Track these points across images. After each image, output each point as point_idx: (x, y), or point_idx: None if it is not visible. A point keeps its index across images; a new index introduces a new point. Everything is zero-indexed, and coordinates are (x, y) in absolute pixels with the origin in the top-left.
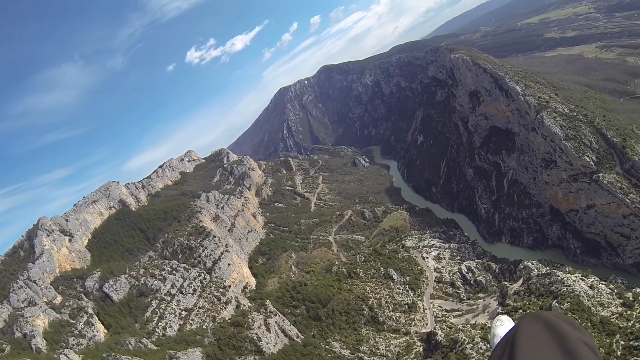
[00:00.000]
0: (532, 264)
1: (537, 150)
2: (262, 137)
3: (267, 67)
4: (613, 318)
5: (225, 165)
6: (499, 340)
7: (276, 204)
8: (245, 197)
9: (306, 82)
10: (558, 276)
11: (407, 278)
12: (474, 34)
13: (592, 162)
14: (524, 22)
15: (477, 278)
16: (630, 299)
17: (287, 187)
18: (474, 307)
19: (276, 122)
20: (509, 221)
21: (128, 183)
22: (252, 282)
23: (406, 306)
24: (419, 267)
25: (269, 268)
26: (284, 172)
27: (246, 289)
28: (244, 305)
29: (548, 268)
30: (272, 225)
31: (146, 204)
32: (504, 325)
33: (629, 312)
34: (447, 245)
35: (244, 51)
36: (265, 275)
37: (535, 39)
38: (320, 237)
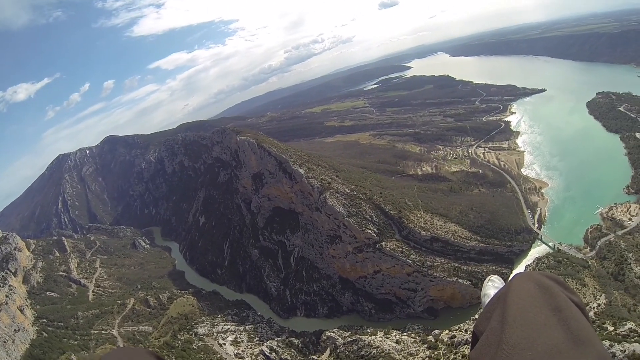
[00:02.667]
0: (334, 332)
1: (322, 227)
2: (33, 209)
3: (48, 128)
4: None
5: None
6: (490, 299)
7: (48, 293)
8: (10, 286)
9: (88, 151)
10: (364, 340)
11: None
12: (261, 118)
13: (374, 234)
14: (307, 110)
15: (282, 357)
16: (432, 340)
17: (61, 273)
18: None
19: (51, 194)
20: (301, 295)
21: None
22: None
23: None
24: (218, 356)
25: None
26: (57, 254)
27: None
28: None
29: (350, 333)
30: (45, 320)
31: None
32: (495, 285)
33: (435, 352)
34: (242, 328)
35: (26, 103)
36: None
37: (317, 126)
38: (103, 332)
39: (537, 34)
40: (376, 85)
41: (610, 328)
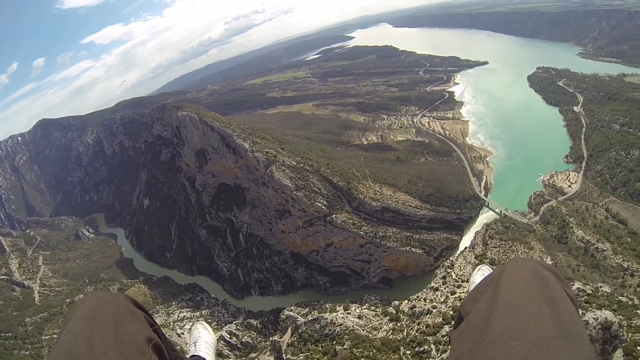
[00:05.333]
0: (292, 310)
1: (270, 202)
2: None
3: None
4: (390, 335)
5: None
6: (481, 280)
7: None
8: None
9: (20, 138)
10: (326, 319)
11: None
12: (201, 92)
13: (324, 207)
14: (248, 82)
15: (243, 340)
16: (394, 312)
17: (2, 277)
18: None
19: None
20: (254, 274)
21: None
22: None
23: None
24: (178, 347)
25: None
26: None
27: None
28: None
29: (307, 310)
30: None
31: None
32: (484, 275)
33: (398, 324)
34: (198, 314)
35: None
36: None
37: (259, 98)
38: (54, 336)
39: (480, 9)
40: (318, 56)
41: None
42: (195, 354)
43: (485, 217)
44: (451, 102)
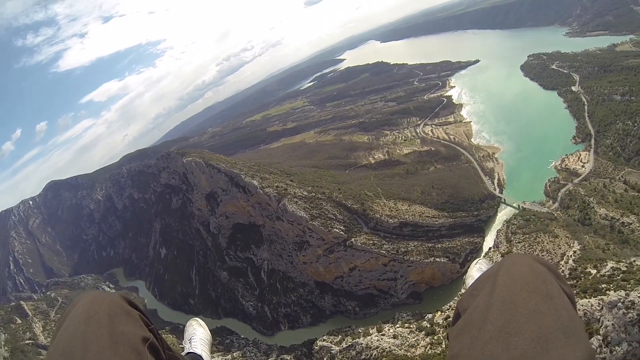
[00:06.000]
0: (325, 340)
1: (287, 236)
2: None
3: None
4: (429, 350)
5: None
6: (479, 276)
7: None
8: None
9: (31, 202)
10: (361, 344)
11: None
12: (203, 136)
13: (342, 232)
14: (248, 120)
15: None
16: (428, 325)
17: (27, 341)
18: None
19: None
20: (281, 309)
21: None
22: None
23: None
24: None
25: None
26: (19, 320)
27: None
28: None
29: (340, 337)
30: None
31: None
32: (481, 269)
33: (435, 337)
34: (230, 357)
35: None
36: None
37: (260, 134)
38: None
39: (462, 10)
40: (312, 83)
41: (594, 271)
42: (191, 351)
43: (504, 213)
44: (450, 106)
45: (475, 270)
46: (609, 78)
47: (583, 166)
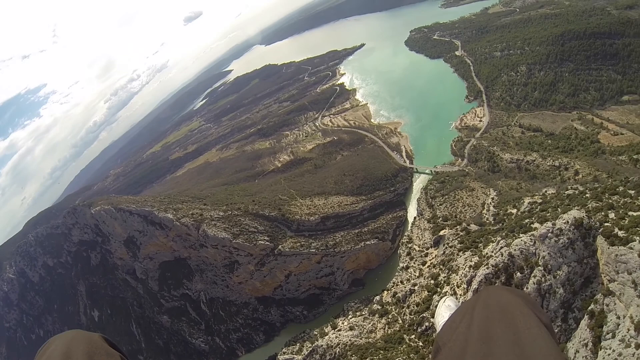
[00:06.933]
0: (285, 353)
1: (215, 261)
2: None
3: None
4: (388, 330)
5: None
6: (457, 308)
7: None
8: None
9: None
10: (322, 346)
11: None
12: (106, 180)
13: (267, 242)
14: (148, 152)
15: None
16: (379, 307)
17: None
18: None
19: None
20: (232, 335)
21: None
22: None
23: None
24: None
25: None
26: None
27: None
28: None
29: (299, 345)
30: None
31: None
32: (450, 308)
33: (389, 316)
34: None
35: None
36: None
37: (164, 164)
38: None
39: None
40: (204, 100)
41: (514, 211)
42: None
43: (419, 182)
44: (344, 93)
45: (444, 308)
46: (487, 38)
47: (480, 120)
